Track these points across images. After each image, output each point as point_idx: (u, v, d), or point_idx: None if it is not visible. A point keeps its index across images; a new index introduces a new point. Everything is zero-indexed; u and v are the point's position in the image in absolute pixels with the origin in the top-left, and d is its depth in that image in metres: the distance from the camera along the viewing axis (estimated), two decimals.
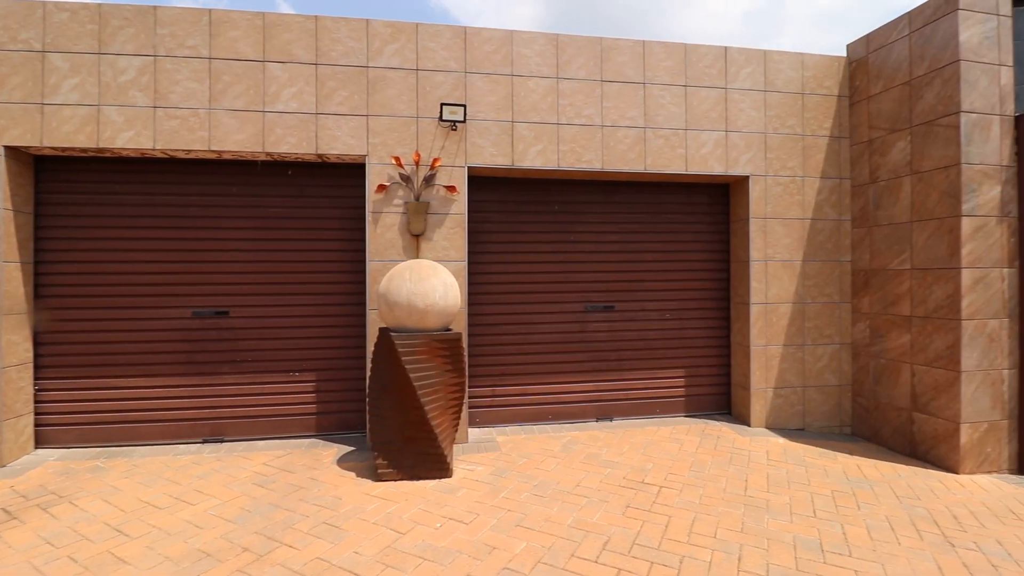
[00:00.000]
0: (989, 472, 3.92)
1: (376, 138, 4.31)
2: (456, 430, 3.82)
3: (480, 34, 4.49)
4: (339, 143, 4.26)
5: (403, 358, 3.41)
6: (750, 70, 4.90)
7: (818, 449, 4.31)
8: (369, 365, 3.83)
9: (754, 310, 4.82)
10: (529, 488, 3.45)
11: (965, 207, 3.93)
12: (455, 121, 4.31)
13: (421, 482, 3.54)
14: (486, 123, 4.48)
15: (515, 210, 4.88)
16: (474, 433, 4.60)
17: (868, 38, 4.84)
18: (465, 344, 4.33)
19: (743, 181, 4.92)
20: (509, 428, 4.73)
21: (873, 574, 2.50)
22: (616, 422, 4.89)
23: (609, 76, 4.68)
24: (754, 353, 4.80)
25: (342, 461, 3.90)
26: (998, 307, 3.97)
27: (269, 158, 4.34)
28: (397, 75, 4.36)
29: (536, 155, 4.54)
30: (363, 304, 4.46)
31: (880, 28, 4.72)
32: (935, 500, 3.37)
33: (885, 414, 4.54)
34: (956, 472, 3.88)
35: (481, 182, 4.76)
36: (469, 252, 4.65)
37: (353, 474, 3.65)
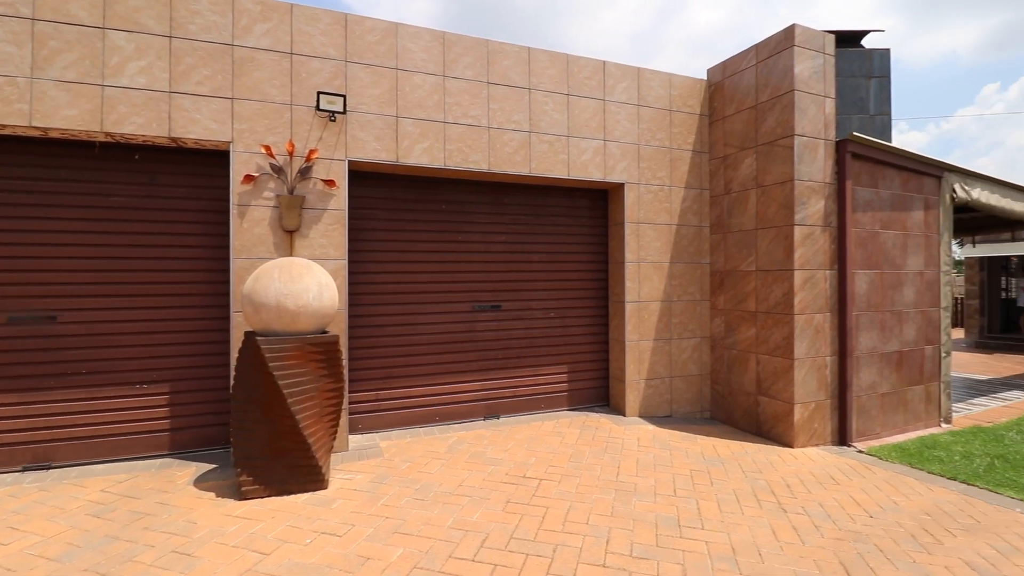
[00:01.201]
0: (817, 445, 4.58)
1: (243, 124, 3.95)
2: (334, 438, 3.62)
3: (363, 23, 4.31)
4: (198, 127, 3.84)
5: (271, 364, 3.15)
6: (625, 85, 5.25)
7: (682, 433, 4.73)
8: (233, 373, 3.48)
9: (629, 308, 5.17)
10: (410, 492, 3.36)
11: (797, 217, 4.55)
12: (334, 111, 4.09)
13: (292, 497, 3.30)
14: (369, 116, 4.30)
15: (402, 208, 4.76)
16: (356, 440, 4.39)
17: (724, 65, 5.42)
18: (345, 347, 4.12)
19: (619, 188, 5.25)
20: (394, 432, 4.59)
21: (720, 543, 2.79)
22: (503, 419, 4.97)
23: (496, 79, 4.74)
24: (628, 348, 5.16)
25: (200, 481, 3.50)
26: (822, 303, 4.65)
27: (110, 139, 3.78)
28: (268, 57, 4.03)
29: (422, 152, 4.45)
30: (227, 306, 4.05)
31: (734, 57, 5.31)
32: (774, 472, 3.86)
33: (737, 399, 5.12)
34: (791, 446, 4.48)
35: (364, 178, 4.57)
36: (350, 250, 4.44)
37: (212, 494, 3.30)
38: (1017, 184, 6.14)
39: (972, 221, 8.14)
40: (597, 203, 5.52)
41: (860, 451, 4.42)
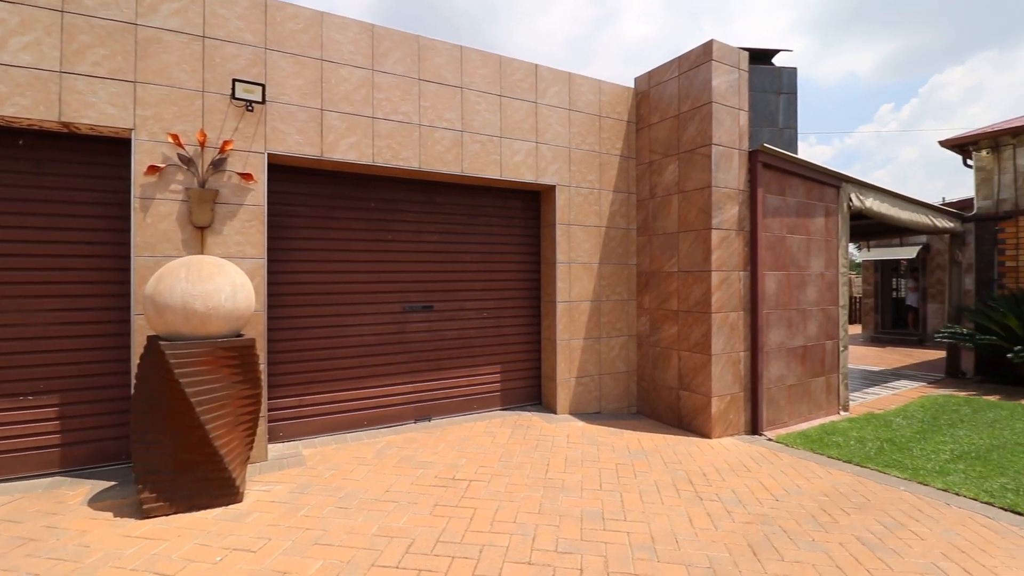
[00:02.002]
0: (732, 435, 4.87)
1: (147, 110, 3.64)
2: (250, 448, 3.41)
3: (285, 9, 4.10)
4: (94, 111, 3.49)
5: (176, 371, 2.92)
6: (557, 89, 5.34)
7: (609, 429, 4.88)
8: (134, 382, 3.19)
9: (560, 308, 5.27)
10: (334, 501, 3.23)
11: (714, 222, 4.82)
12: (251, 101, 3.86)
13: (202, 512, 3.07)
14: (291, 108, 4.10)
15: (328, 205, 4.57)
16: (276, 449, 4.17)
17: (650, 75, 5.66)
18: (263, 351, 3.90)
19: (551, 190, 5.34)
20: (319, 439, 4.40)
21: (641, 533, 2.90)
22: (435, 421, 4.90)
23: (427, 76, 4.67)
24: (560, 347, 5.26)
25: (96, 500, 3.19)
26: (736, 302, 4.95)
27: None
28: (178, 40, 3.74)
29: (349, 148, 4.31)
30: (128, 309, 3.72)
31: (658, 67, 5.54)
32: (692, 462, 4.06)
33: (661, 394, 5.35)
34: (709, 437, 4.74)
35: (287, 172, 4.36)
36: (270, 249, 4.22)
37: (110, 514, 3.01)
38: (903, 195, 6.86)
39: (867, 227, 9.01)
40: (530, 204, 5.58)
41: (770, 439, 4.75)
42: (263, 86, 3.91)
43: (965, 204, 9.41)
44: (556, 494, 3.38)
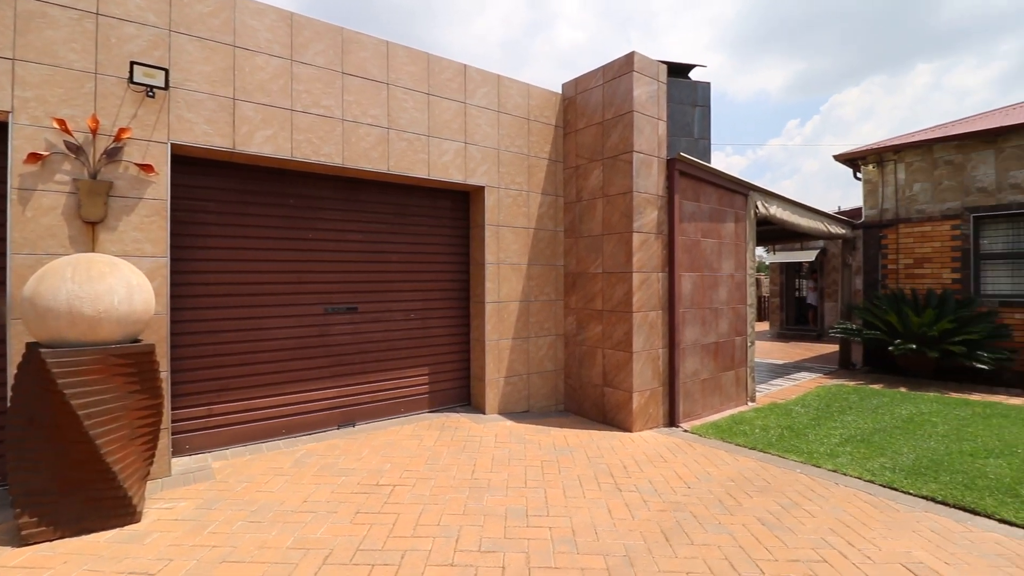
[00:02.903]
0: (651, 428, 5.11)
1: (28, 91, 3.26)
2: (150, 463, 3.14)
3: None
4: None
5: (60, 381, 2.63)
6: (486, 90, 5.36)
7: (537, 427, 4.97)
8: (10, 394, 2.84)
9: (489, 308, 5.29)
10: (245, 515, 3.05)
11: (635, 225, 5.04)
12: (152, 86, 3.57)
13: (94, 536, 2.79)
14: (199, 95, 3.83)
15: (241, 200, 4.31)
16: (182, 463, 3.87)
17: (576, 81, 5.82)
18: (165, 357, 3.61)
19: (480, 191, 5.35)
20: (231, 451, 4.14)
21: (563, 527, 2.98)
22: (359, 427, 4.75)
23: (351, 70, 4.52)
24: (489, 347, 5.28)
25: None
26: (655, 302, 5.21)
27: None
28: (66, 15, 3.38)
29: (265, 141, 4.09)
30: (2, 313, 3.31)
31: (584, 75, 5.71)
32: (614, 456, 4.22)
33: (586, 391, 5.52)
34: (631, 431, 4.95)
35: (195, 165, 4.06)
36: (175, 247, 3.92)
37: None
38: (803, 203, 7.52)
39: (772, 232, 9.78)
40: (459, 205, 5.56)
41: (685, 430, 5.04)
42: (166, 71, 3.62)
43: (855, 213, 10.47)
44: (482, 494, 3.39)
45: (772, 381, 7.68)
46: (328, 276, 4.71)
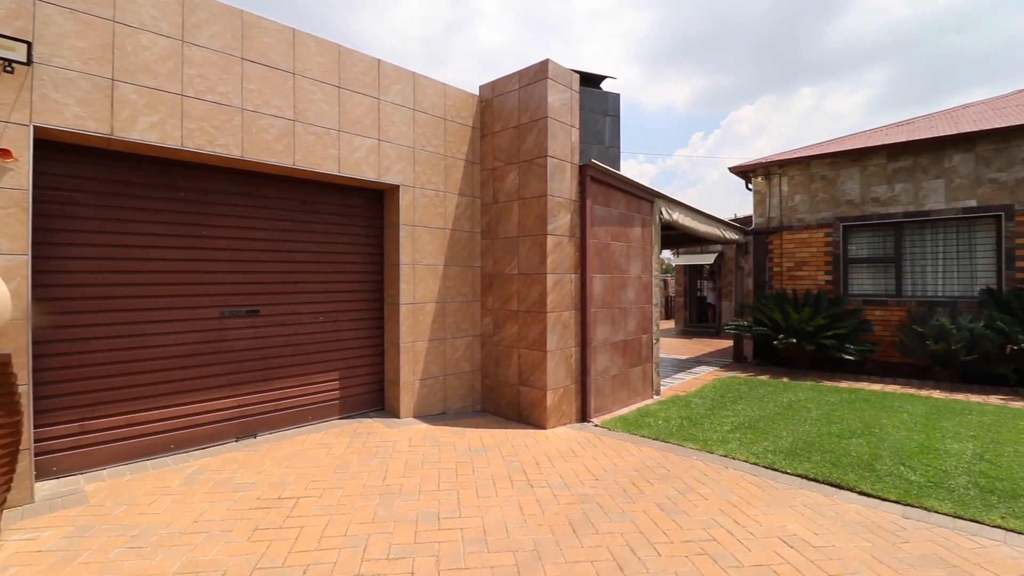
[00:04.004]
0: (565, 424, 5.27)
1: None
2: (7, 490, 2.74)
3: None
4: None
5: None
6: (401, 87, 5.26)
7: (453, 428, 4.95)
8: None
9: (403, 310, 5.19)
10: (124, 541, 2.75)
11: (549, 228, 5.18)
12: (11, 60, 3.12)
13: None
14: (70, 74, 3.40)
15: (122, 193, 3.89)
16: (48, 487, 3.41)
17: (493, 84, 5.87)
18: (25, 368, 3.17)
19: (394, 190, 5.24)
20: (109, 470, 3.71)
21: (474, 527, 2.99)
22: (261, 438, 4.46)
23: (252, 56, 4.24)
24: (403, 349, 5.18)
25: None
26: (568, 302, 5.39)
27: None
28: None
29: (150, 128, 3.71)
30: None
31: (501, 79, 5.78)
32: (528, 453, 4.31)
33: (503, 390, 5.59)
34: (545, 428, 5.07)
35: (66, 152, 3.61)
36: (39, 243, 3.46)
37: None
38: (702, 211, 8.13)
39: (676, 236, 10.48)
40: (372, 203, 5.40)
41: (596, 425, 5.26)
42: (29, 44, 3.19)
43: (747, 220, 11.49)
44: (393, 500, 3.32)
45: (675, 375, 8.23)
46: (226, 277, 4.37)
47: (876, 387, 7.20)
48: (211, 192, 4.32)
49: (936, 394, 6.71)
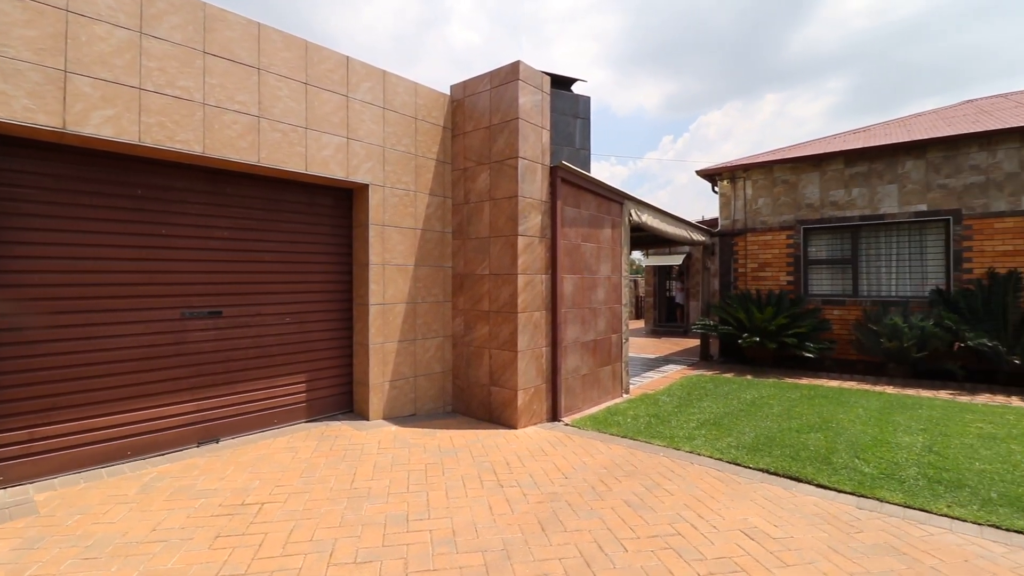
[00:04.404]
0: (535, 423, 5.31)
1: None
2: None
3: None
4: None
5: None
6: (370, 85, 5.19)
7: (423, 430, 4.92)
8: None
9: (373, 310, 5.13)
10: (77, 552, 2.64)
11: (520, 228, 5.21)
12: None
13: None
14: (19, 64, 3.25)
15: (75, 190, 3.73)
16: None
17: (465, 84, 5.86)
18: None
19: (364, 189, 5.17)
20: (61, 479, 3.55)
21: (443, 528, 2.98)
22: (224, 443, 4.34)
23: (215, 50, 4.12)
24: (373, 350, 5.12)
25: None
26: (539, 302, 5.42)
27: None
28: None
29: (105, 122, 3.57)
30: None
31: (473, 79, 5.77)
32: (498, 453, 4.32)
33: (474, 391, 5.58)
34: (516, 428, 5.09)
35: (15, 146, 3.45)
36: None
37: None
38: (670, 213, 8.30)
39: (645, 238, 10.68)
40: (341, 203, 5.32)
41: (567, 424, 5.31)
42: None
43: (714, 222, 11.79)
44: (361, 503, 3.28)
45: (644, 374, 8.37)
46: (187, 277, 4.24)
47: (834, 383, 7.49)
48: (171, 189, 4.18)
49: (889, 390, 7.03)
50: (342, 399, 5.29)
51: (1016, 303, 7.33)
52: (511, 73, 5.31)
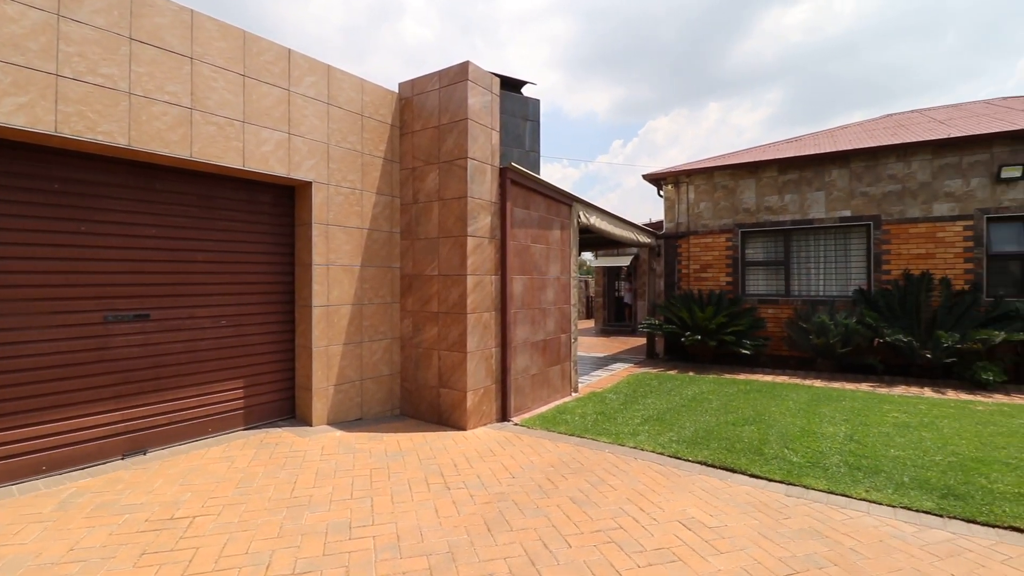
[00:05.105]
0: (485, 424, 5.31)
1: None
2: None
3: None
4: None
5: None
6: (314, 79, 5.04)
7: (369, 434, 4.82)
8: None
9: (316, 312, 4.98)
10: None
11: (470, 229, 5.20)
12: None
13: None
14: None
15: None
16: None
17: (413, 83, 5.78)
18: None
19: (307, 186, 5.01)
20: None
21: (387, 534, 2.93)
22: (152, 454, 4.08)
23: (143, 36, 3.88)
24: (316, 354, 4.96)
25: None
26: (489, 303, 5.43)
27: None
28: None
29: (17, 110, 3.29)
30: None
31: (422, 77, 5.71)
32: (446, 455, 4.29)
33: (423, 393, 5.52)
34: (465, 429, 5.08)
35: None
36: None
37: None
38: (617, 215, 8.52)
39: (595, 239, 10.91)
40: (282, 200, 5.13)
41: (516, 424, 5.34)
42: None
43: (659, 225, 12.19)
44: (301, 512, 3.17)
45: (593, 372, 8.55)
46: (110, 278, 3.96)
47: (768, 378, 7.92)
48: (92, 184, 3.89)
49: (817, 383, 7.51)
50: (284, 405, 5.10)
51: (928, 302, 8.01)
52: (460, 73, 5.29)
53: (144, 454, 4.05)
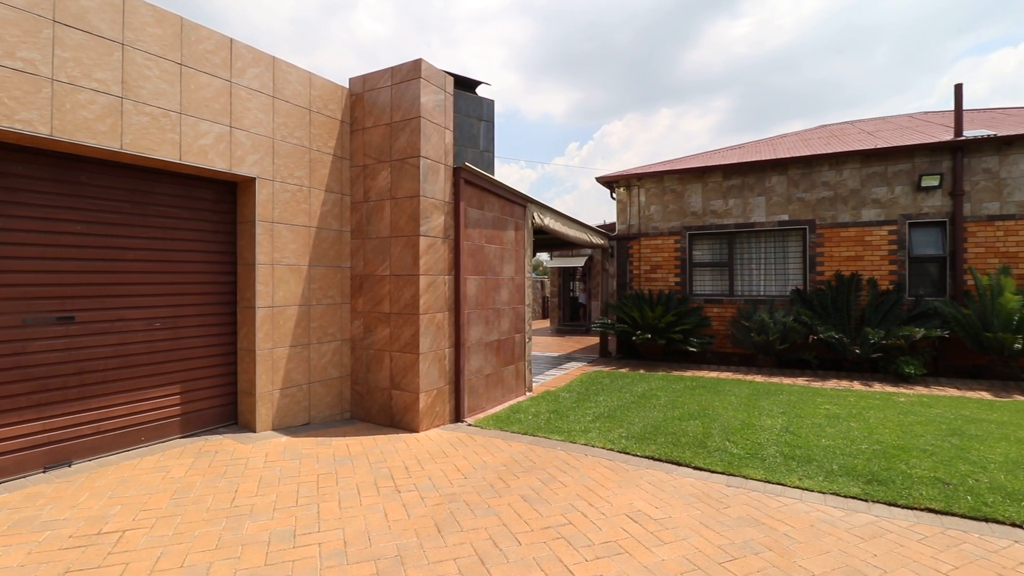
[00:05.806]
0: (438, 426, 5.27)
1: None
2: None
3: None
4: None
5: None
6: (258, 71, 4.85)
7: (317, 439, 4.69)
8: None
9: (260, 314, 4.79)
10: None
11: (422, 229, 5.14)
12: None
13: None
14: None
15: None
16: None
17: (364, 78, 5.66)
18: None
19: (250, 182, 4.81)
20: None
21: (334, 540, 2.86)
22: (78, 466, 3.81)
23: (67, 19, 3.61)
24: (260, 357, 4.78)
25: None
26: (442, 304, 5.39)
27: None
28: None
29: None
30: None
31: (373, 73, 5.60)
32: (397, 458, 4.23)
33: (374, 395, 5.42)
34: (418, 431, 5.02)
35: None
36: None
37: None
38: (571, 217, 8.64)
39: (550, 240, 11.03)
40: (224, 197, 4.91)
41: (470, 424, 5.33)
42: None
43: (612, 227, 12.46)
44: (242, 522, 3.04)
45: (548, 371, 8.65)
46: (29, 278, 3.67)
47: (713, 375, 8.26)
48: (10, 176, 3.59)
49: (758, 379, 7.89)
50: (225, 411, 4.88)
51: (857, 301, 8.57)
52: (413, 71, 5.23)
53: (69, 466, 3.77)
